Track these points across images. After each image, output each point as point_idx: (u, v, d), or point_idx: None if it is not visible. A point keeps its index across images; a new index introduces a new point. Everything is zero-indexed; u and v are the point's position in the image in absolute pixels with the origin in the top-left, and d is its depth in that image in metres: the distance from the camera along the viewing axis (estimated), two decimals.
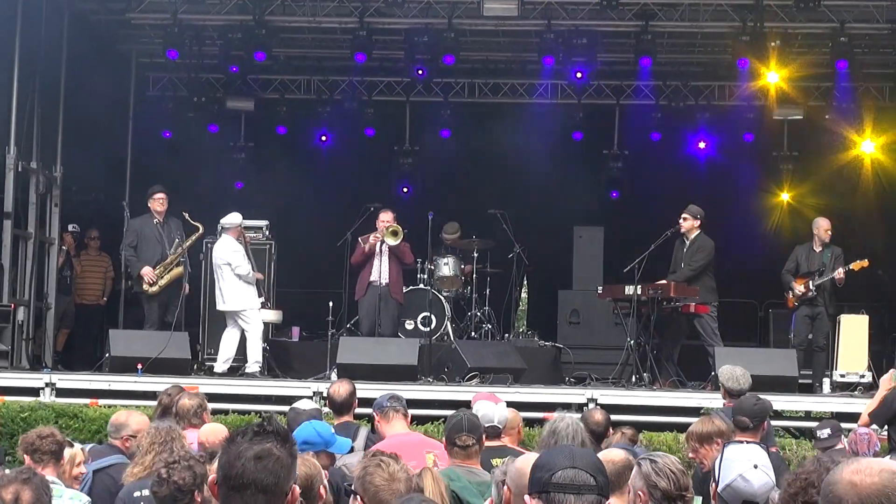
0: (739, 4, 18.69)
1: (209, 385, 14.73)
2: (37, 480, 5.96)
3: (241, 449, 3.83)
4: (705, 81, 21.85)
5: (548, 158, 21.69)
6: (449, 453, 7.79)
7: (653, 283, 16.48)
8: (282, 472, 3.83)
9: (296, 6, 19.25)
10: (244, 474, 3.79)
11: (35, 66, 17.73)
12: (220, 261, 16.69)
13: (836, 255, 17.11)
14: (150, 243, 17.18)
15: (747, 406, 9.42)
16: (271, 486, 3.81)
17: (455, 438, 7.69)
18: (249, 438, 3.85)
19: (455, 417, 7.90)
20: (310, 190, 21.16)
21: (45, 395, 14.92)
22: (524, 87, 22.21)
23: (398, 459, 6.16)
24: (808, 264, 17.16)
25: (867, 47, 20.04)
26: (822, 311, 17.07)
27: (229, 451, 3.86)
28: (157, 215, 17.28)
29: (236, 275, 16.56)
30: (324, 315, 17.52)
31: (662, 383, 16.38)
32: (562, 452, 4.10)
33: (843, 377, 16.48)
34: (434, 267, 18.68)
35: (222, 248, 16.78)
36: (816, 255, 17.15)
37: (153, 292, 17.06)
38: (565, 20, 19.06)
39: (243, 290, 16.64)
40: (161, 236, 17.20)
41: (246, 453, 3.82)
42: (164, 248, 17.15)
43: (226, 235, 16.87)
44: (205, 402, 9.95)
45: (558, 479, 3.97)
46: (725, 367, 11.46)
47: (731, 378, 11.16)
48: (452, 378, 16.09)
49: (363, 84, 22.16)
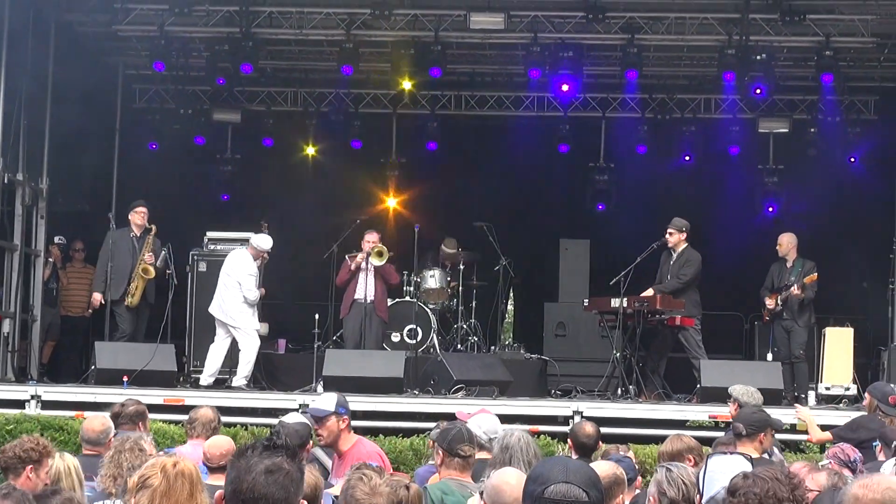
0: (725, 18, 18.73)
1: (195, 397, 14.72)
2: (17, 495, 5.92)
3: (252, 463, 3.83)
4: (691, 94, 21.89)
5: (534, 171, 21.75)
6: (446, 464, 7.78)
7: (638, 296, 16.51)
8: (292, 487, 3.84)
9: (283, 18, 19.24)
10: (255, 488, 3.80)
11: (21, 77, 17.69)
12: (233, 275, 16.56)
13: (806, 270, 17.36)
14: (124, 256, 17.17)
15: (745, 414, 9.43)
16: (281, 501, 3.81)
17: (457, 449, 7.70)
18: (259, 453, 3.86)
19: (454, 428, 7.92)
20: (296, 202, 21.14)
21: (30, 408, 14.90)
22: (510, 100, 22.23)
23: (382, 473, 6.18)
24: (779, 280, 17.53)
25: (852, 61, 20.09)
26: (793, 324, 17.46)
27: (238, 465, 3.85)
28: (136, 228, 17.29)
29: (243, 295, 16.50)
30: (310, 327, 17.53)
31: (648, 396, 16.39)
32: (556, 465, 4.07)
33: (828, 390, 16.53)
34: (420, 279, 18.69)
35: (240, 264, 16.64)
36: (787, 270, 17.56)
37: (133, 304, 17.07)
38: (552, 33, 19.07)
39: (245, 311, 16.55)
40: (135, 249, 17.20)
41: (256, 467, 3.82)
42: (135, 261, 17.17)
43: (247, 252, 16.73)
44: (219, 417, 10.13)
45: (551, 493, 3.96)
46: (738, 387, 11.37)
47: (746, 394, 11.13)
48: (438, 391, 16.08)
49: (350, 96, 22.15)
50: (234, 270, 16.57)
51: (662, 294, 16.66)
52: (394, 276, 17.66)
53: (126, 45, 20.58)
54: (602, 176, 22.41)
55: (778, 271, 17.79)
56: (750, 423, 9.20)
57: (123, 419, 10.17)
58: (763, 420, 9.38)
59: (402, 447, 13.70)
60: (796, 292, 17.23)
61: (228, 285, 16.57)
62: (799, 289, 17.21)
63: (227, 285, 16.59)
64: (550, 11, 18.91)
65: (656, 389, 16.74)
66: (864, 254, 20.26)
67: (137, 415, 10.31)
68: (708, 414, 14.74)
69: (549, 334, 20.25)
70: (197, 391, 15.92)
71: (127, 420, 10.19)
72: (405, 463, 13.44)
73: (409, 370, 16.40)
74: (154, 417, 14.17)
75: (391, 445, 13.57)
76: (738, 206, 21.80)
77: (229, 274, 16.60)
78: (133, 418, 10.27)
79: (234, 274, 16.53)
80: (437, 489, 7.52)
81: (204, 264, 18.08)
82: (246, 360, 16.44)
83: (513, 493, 5.25)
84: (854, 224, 20.83)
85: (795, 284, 17.22)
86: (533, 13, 18.88)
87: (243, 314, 16.49)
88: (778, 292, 17.53)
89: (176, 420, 14.00)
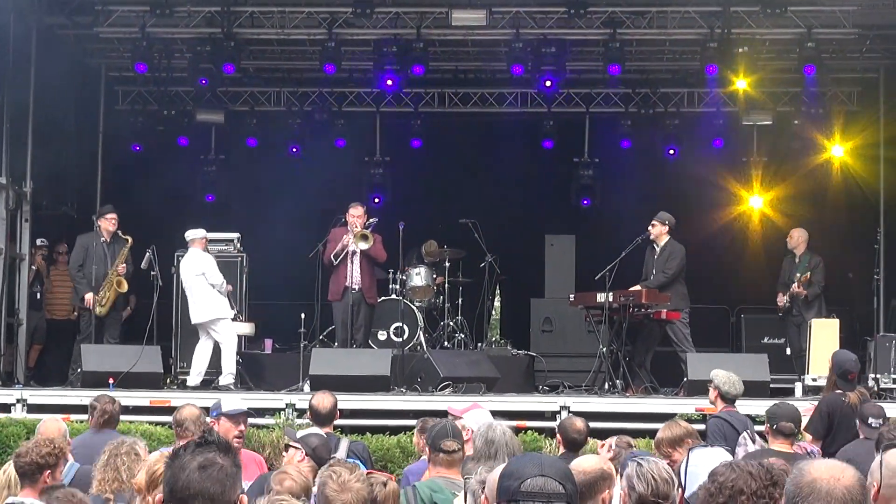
0: (707, 11, 18.74)
1: (182, 398, 14.66)
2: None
3: (185, 461, 3.83)
4: (674, 88, 21.91)
5: (518, 167, 21.77)
6: (433, 461, 7.79)
7: (624, 291, 16.52)
8: (227, 481, 3.83)
9: (264, 18, 19.22)
10: (189, 485, 3.80)
11: (3, 80, 17.65)
12: (192, 272, 16.63)
13: (814, 265, 17.54)
14: (96, 262, 17.13)
15: (790, 411, 9.26)
16: (218, 495, 3.81)
17: (440, 444, 7.69)
18: (192, 451, 3.86)
19: (438, 424, 7.92)
20: (281, 202, 21.11)
21: (16, 411, 14.85)
22: (494, 97, 22.23)
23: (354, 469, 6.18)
24: (788, 275, 17.73)
25: (834, 52, 20.12)
26: (801, 319, 17.81)
27: (173, 465, 3.86)
28: (106, 234, 17.27)
29: (210, 284, 16.51)
30: (296, 327, 17.52)
31: (635, 390, 16.41)
32: (531, 460, 4.09)
33: (814, 381, 16.55)
34: (406, 277, 18.69)
35: (193, 260, 16.73)
36: (796, 265, 17.81)
37: (102, 313, 17.11)
38: (534, 29, 19.08)
39: (216, 300, 16.59)
40: (106, 256, 17.18)
41: (189, 464, 3.82)
42: (107, 267, 17.16)
43: (193, 248, 16.82)
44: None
45: (527, 487, 3.97)
46: (720, 372, 11.23)
47: (727, 382, 10.99)
48: (425, 388, 16.09)
49: (333, 95, 22.18)
50: (192, 269, 16.67)
51: (648, 288, 16.68)
52: (381, 253, 17.49)
53: (108, 47, 20.57)
54: (587, 171, 22.45)
55: (788, 266, 18.21)
56: (798, 421, 9.15)
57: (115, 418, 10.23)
58: (801, 417, 9.35)
59: (389, 445, 13.68)
60: (797, 290, 17.49)
61: (192, 286, 16.65)
62: (799, 286, 17.47)
63: (191, 287, 16.67)
64: (532, 7, 18.92)
65: (643, 383, 16.77)
66: (849, 245, 20.29)
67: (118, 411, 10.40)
68: (695, 407, 14.74)
69: (535, 330, 20.25)
70: (184, 392, 15.89)
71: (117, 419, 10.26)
72: (392, 461, 13.43)
73: (396, 368, 16.38)
74: (141, 419, 14.24)
75: (378, 443, 13.55)
76: (723, 198, 21.84)
77: (189, 275, 16.72)
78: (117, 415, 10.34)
79: (194, 270, 16.61)
80: (425, 487, 7.52)
81: None
82: (228, 354, 16.44)
83: None
84: (838, 215, 20.87)
85: (796, 282, 17.47)
86: (514, 9, 18.88)
87: (214, 303, 16.54)
88: (787, 288, 17.85)
89: (163, 422, 13.96)
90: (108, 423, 10.26)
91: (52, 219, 19.75)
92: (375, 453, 12.86)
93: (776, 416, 9.25)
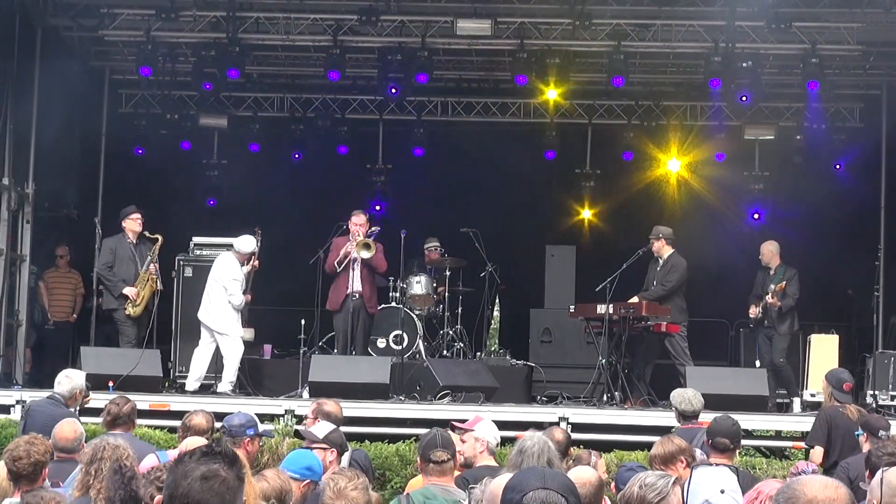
0: (711, 25, 18.75)
1: (180, 402, 14.71)
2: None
3: (188, 469, 3.79)
4: (677, 101, 21.92)
5: (520, 177, 21.78)
6: (424, 471, 7.83)
7: (624, 303, 16.54)
8: (227, 494, 3.79)
9: (269, 24, 19.22)
10: (189, 494, 3.75)
11: (8, 82, 17.67)
12: (219, 280, 16.51)
13: (789, 276, 17.45)
14: (125, 263, 17.07)
15: (726, 427, 9.22)
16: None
17: (430, 454, 7.73)
18: (197, 459, 3.82)
19: (429, 434, 7.96)
20: (282, 208, 21.12)
21: (15, 413, 14.84)
22: (497, 106, 22.23)
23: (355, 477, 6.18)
24: (761, 288, 17.64)
25: (838, 68, 20.14)
26: (773, 331, 17.66)
27: (175, 470, 3.82)
28: (132, 235, 17.20)
29: (228, 301, 16.47)
30: (296, 333, 17.52)
31: (634, 402, 16.42)
32: (533, 474, 4.08)
33: (813, 396, 16.58)
34: (406, 285, 18.68)
35: (225, 268, 16.56)
36: (769, 277, 17.69)
37: (136, 314, 16.98)
38: (538, 39, 19.09)
39: (229, 315, 16.49)
40: (135, 256, 17.12)
41: (192, 473, 3.78)
42: (138, 267, 17.06)
43: (232, 256, 16.68)
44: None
45: (529, 500, 3.96)
46: (676, 392, 11.39)
47: (683, 401, 11.09)
48: (424, 396, 16.09)
49: (336, 102, 22.18)
50: (220, 275, 16.54)
51: (648, 301, 16.69)
52: (382, 263, 17.56)
53: (112, 50, 20.59)
54: (588, 182, 22.46)
55: (762, 279, 17.94)
56: (734, 436, 9.13)
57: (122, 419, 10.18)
58: (740, 430, 9.34)
59: (387, 453, 13.68)
60: (771, 301, 17.34)
61: (214, 289, 16.55)
62: (773, 297, 17.32)
63: (214, 289, 16.57)
64: (537, 18, 18.92)
65: (642, 396, 16.77)
66: (849, 261, 20.29)
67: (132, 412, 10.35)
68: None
69: (534, 340, 20.23)
70: (183, 396, 15.90)
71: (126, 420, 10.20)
72: (391, 469, 13.44)
73: (395, 376, 16.39)
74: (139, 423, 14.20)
75: (377, 451, 13.54)
76: (724, 212, 21.86)
77: (216, 279, 16.58)
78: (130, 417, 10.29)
79: (221, 279, 16.51)
80: (419, 495, 7.55)
81: (190, 269, 18.03)
82: (230, 366, 16.39)
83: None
84: (839, 231, 20.87)
85: (770, 293, 17.33)
86: (520, 19, 18.90)
87: (227, 319, 16.45)
88: (760, 300, 17.62)
89: (161, 425, 13.97)
90: (116, 424, 10.18)
91: (53, 220, 19.74)
92: (374, 461, 12.84)
93: (713, 431, 9.25)
